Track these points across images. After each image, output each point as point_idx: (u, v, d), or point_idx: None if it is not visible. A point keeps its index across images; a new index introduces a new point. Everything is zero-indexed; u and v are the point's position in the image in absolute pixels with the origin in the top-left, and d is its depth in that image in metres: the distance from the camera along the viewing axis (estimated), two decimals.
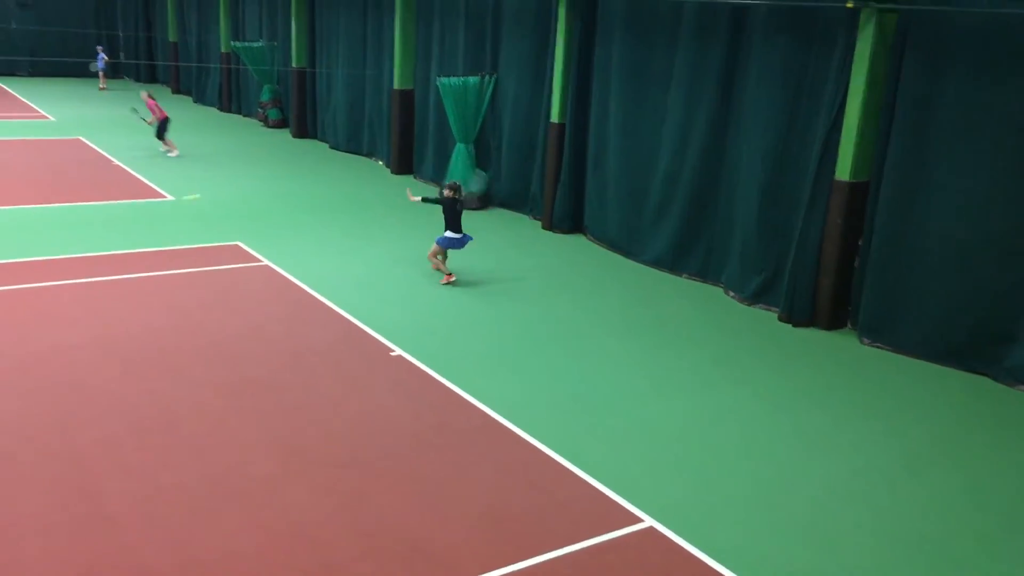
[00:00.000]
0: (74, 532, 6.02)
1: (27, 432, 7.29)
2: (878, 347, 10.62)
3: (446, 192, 11.98)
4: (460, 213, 11.92)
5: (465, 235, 11.97)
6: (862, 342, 10.76)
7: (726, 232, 12.56)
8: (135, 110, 20.92)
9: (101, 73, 31.77)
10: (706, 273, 12.93)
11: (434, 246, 12.01)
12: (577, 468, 7.27)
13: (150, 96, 20.11)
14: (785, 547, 6.40)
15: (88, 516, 6.21)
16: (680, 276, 13.14)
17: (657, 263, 13.48)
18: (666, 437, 7.99)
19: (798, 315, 11.27)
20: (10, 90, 30.21)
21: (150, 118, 20.03)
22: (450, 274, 11.97)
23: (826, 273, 11.09)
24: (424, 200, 12.21)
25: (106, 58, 31.89)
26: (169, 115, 20.04)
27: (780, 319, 11.43)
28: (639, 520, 6.60)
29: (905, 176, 10.34)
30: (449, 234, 11.87)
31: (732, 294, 12.30)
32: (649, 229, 13.63)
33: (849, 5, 10.34)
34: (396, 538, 6.19)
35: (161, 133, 19.82)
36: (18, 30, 33.86)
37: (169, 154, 19.60)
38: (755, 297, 11.94)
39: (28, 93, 29.60)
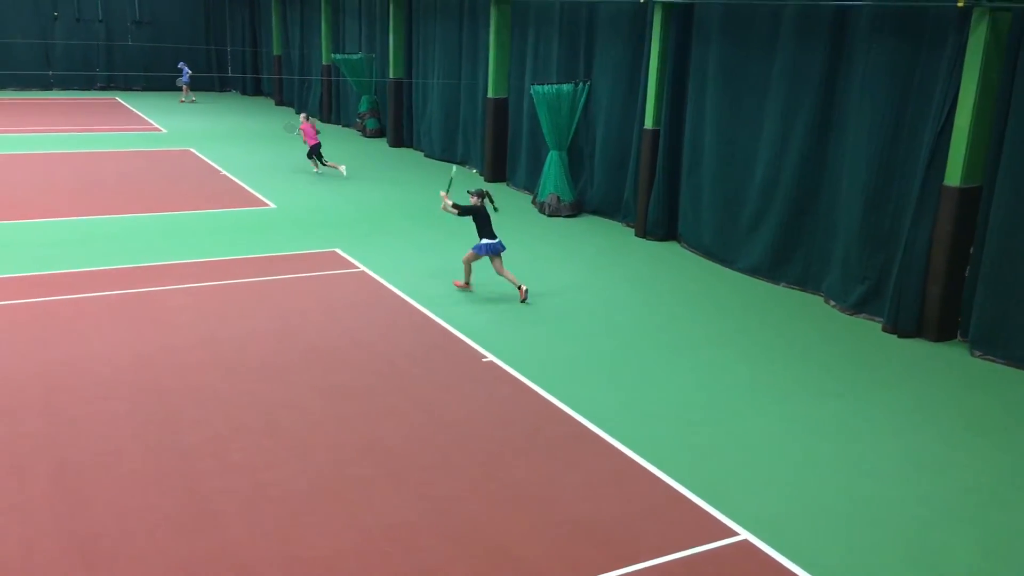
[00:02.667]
0: (180, 528, 6.27)
1: (136, 431, 7.64)
2: (989, 359, 10.12)
3: (474, 200, 11.77)
4: (489, 218, 11.75)
5: (495, 242, 11.69)
6: (972, 354, 10.27)
7: (827, 239, 12.19)
8: (287, 127, 21.01)
9: (185, 86, 33.01)
10: (805, 281, 12.58)
11: (470, 252, 11.79)
12: (670, 478, 7.17)
13: (306, 118, 20.27)
14: (887, 567, 6.15)
15: (193, 513, 6.46)
16: (778, 285, 12.82)
17: (754, 271, 13.19)
18: (763, 449, 7.80)
19: (904, 325, 10.84)
20: (126, 103, 31.81)
21: (297, 132, 20.44)
22: (468, 283, 11.86)
23: (935, 282, 10.64)
24: (456, 207, 11.79)
25: (189, 72, 33.11)
26: (320, 140, 20.15)
27: (884, 329, 11.02)
28: (734, 533, 6.46)
29: (1020, 181, 9.85)
30: (486, 241, 11.65)
31: (833, 303, 11.93)
32: (746, 236, 13.35)
33: (960, 4, 9.93)
34: (487, 544, 6.23)
35: (312, 155, 19.96)
36: (134, 46, 35.64)
37: (338, 168, 20.00)
38: (858, 306, 11.55)
39: (142, 106, 31.11)
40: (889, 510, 6.89)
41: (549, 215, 16.81)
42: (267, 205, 16.74)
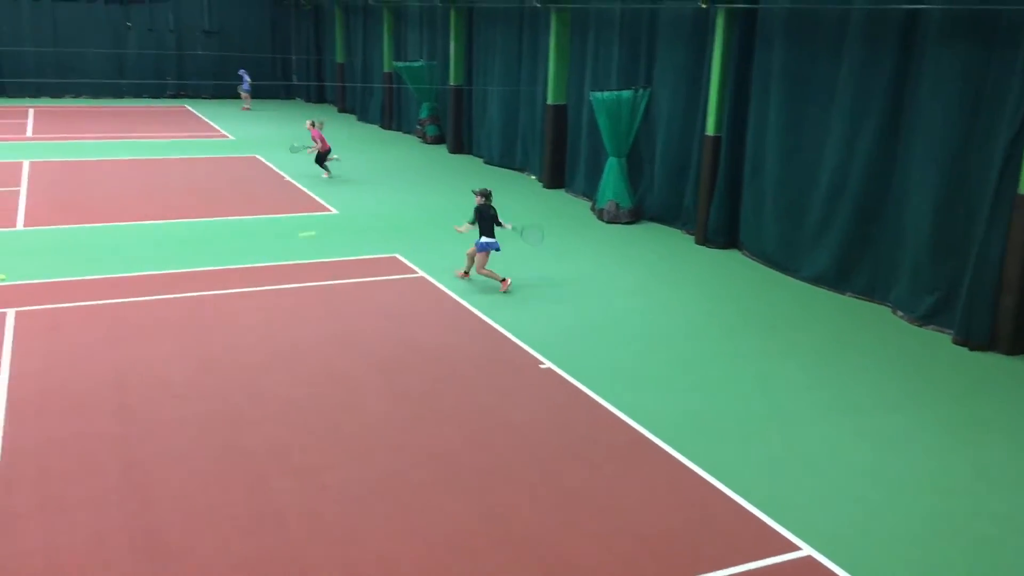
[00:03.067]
0: (242, 527, 6.40)
1: (202, 431, 7.82)
2: None
3: (478, 200, 12.12)
4: (491, 219, 12.05)
5: (495, 241, 12.14)
6: None
7: (895, 248, 11.91)
8: (294, 147, 21.40)
9: (246, 94, 33.63)
10: (872, 291, 12.30)
11: (476, 252, 12.16)
12: (731, 490, 7.07)
13: (313, 125, 20.63)
14: None
15: (255, 513, 6.58)
16: (843, 294, 12.56)
17: (818, 280, 12.94)
18: (827, 462, 7.63)
19: (976, 338, 10.52)
20: (195, 111, 32.65)
21: (311, 147, 20.71)
22: (505, 279, 12.13)
23: (1008, 292, 10.30)
24: (471, 223, 12.28)
25: (249, 80, 33.72)
26: (331, 146, 20.66)
27: (955, 342, 10.71)
28: (796, 548, 6.33)
29: None
30: (484, 239, 12.06)
31: (901, 314, 11.63)
32: (810, 244, 13.11)
33: None
34: (543, 551, 6.22)
35: (321, 161, 20.47)
36: (203, 55, 36.58)
37: (323, 176, 20.22)
38: (927, 318, 11.25)
39: (210, 114, 31.89)
40: (958, 527, 6.68)
41: (608, 222, 16.75)
42: (330, 211, 17.00)
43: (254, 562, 5.99)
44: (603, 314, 11.39)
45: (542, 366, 9.54)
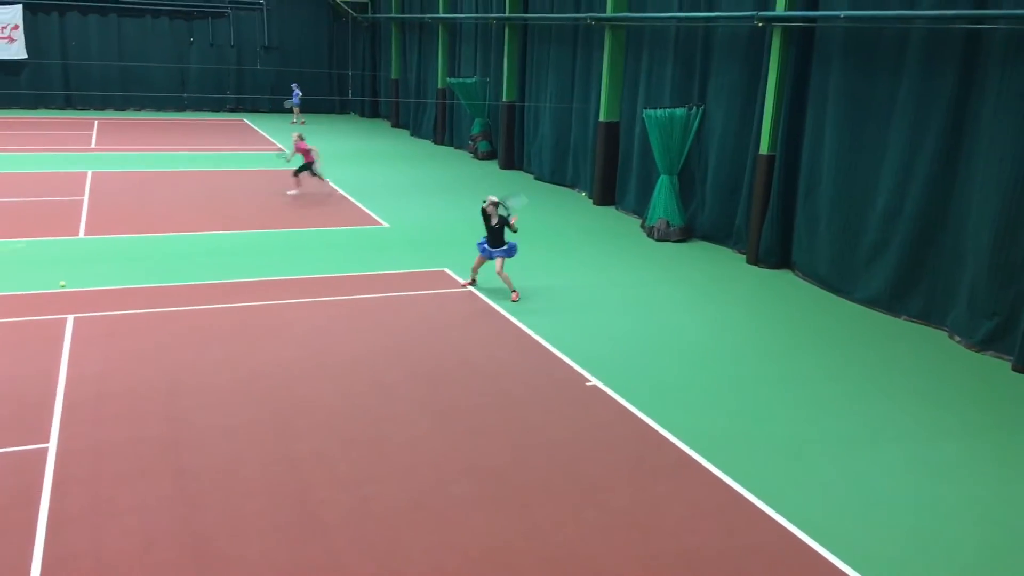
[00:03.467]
0: (287, 535, 6.46)
1: (251, 439, 7.93)
2: None
3: (485, 207, 12.37)
4: (496, 227, 12.34)
5: (494, 248, 12.46)
6: None
7: (953, 271, 11.62)
8: (284, 158, 20.69)
9: (296, 108, 34.17)
10: (928, 315, 12.01)
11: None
12: (778, 515, 6.93)
13: (301, 138, 19.85)
14: None
15: (300, 522, 6.64)
16: (898, 317, 12.29)
17: (872, 303, 12.68)
18: (879, 489, 7.45)
19: None
20: (252, 125, 33.31)
21: (289, 154, 20.09)
22: (515, 292, 12.40)
23: None
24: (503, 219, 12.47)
25: (300, 94, 34.21)
26: (316, 158, 19.62)
27: (1015, 369, 10.39)
28: (843, 574, 6.18)
29: None
30: (484, 243, 12.47)
31: (958, 339, 11.34)
32: (864, 266, 12.86)
33: None
34: (586, 571, 6.16)
35: (312, 171, 19.55)
36: (262, 70, 37.37)
37: (289, 192, 19.45)
38: (985, 343, 10.94)
39: (267, 127, 32.52)
40: (1013, 560, 6.46)
41: (658, 240, 16.64)
42: (381, 224, 17.18)
43: (298, 571, 6.03)
44: (651, 332, 11.30)
45: (588, 383, 9.49)
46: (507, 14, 23.91)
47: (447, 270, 13.84)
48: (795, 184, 14.46)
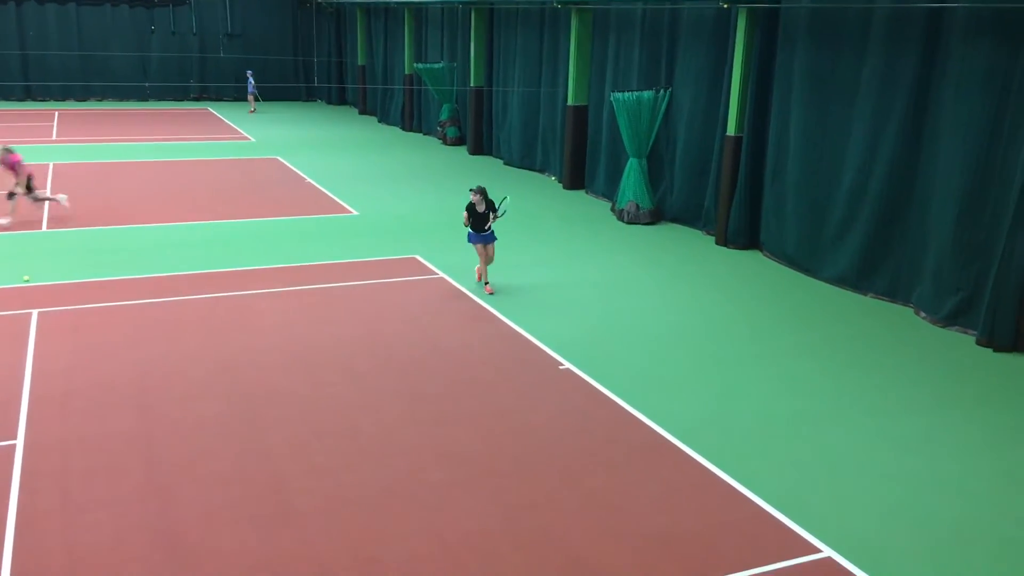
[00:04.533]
0: (262, 525, 6.42)
1: (223, 431, 7.87)
2: None
3: (474, 196, 12.04)
4: (481, 215, 11.97)
5: (483, 234, 12.11)
6: None
7: (918, 249, 11.78)
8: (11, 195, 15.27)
9: (251, 96, 33.70)
10: (895, 292, 12.18)
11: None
12: (751, 492, 7.01)
13: (8, 151, 15.07)
14: None
15: (275, 512, 6.61)
16: (865, 295, 12.44)
17: (840, 281, 12.83)
18: (849, 464, 7.56)
19: (1000, 339, 10.38)
20: (217, 113, 32.91)
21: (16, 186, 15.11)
22: (487, 284, 12.18)
23: None
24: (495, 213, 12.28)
25: (254, 82, 33.72)
26: (32, 172, 15.44)
27: (979, 343, 10.58)
28: (817, 550, 6.27)
29: None
30: (471, 234, 12.15)
31: (924, 315, 11.51)
32: (831, 245, 13.00)
33: None
34: (562, 553, 6.19)
35: (30, 191, 15.19)
36: (225, 58, 36.88)
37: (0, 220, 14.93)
38: (950, 319, 11.12)
39: (232, 116, 32.13)
40: (982, 530, 6.59)
41: (628, 223, 16.70)
42: (350, 212, 17.07)
43: (273, 561, 6.01)
44: (622, 315, 11.35)
45: (561, 367, 9.52)
46: None
47: (418, 257, 13.79)
48: (762, 165, 14.57)
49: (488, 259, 12.25)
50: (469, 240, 12.24)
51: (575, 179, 19.97)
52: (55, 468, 7.12)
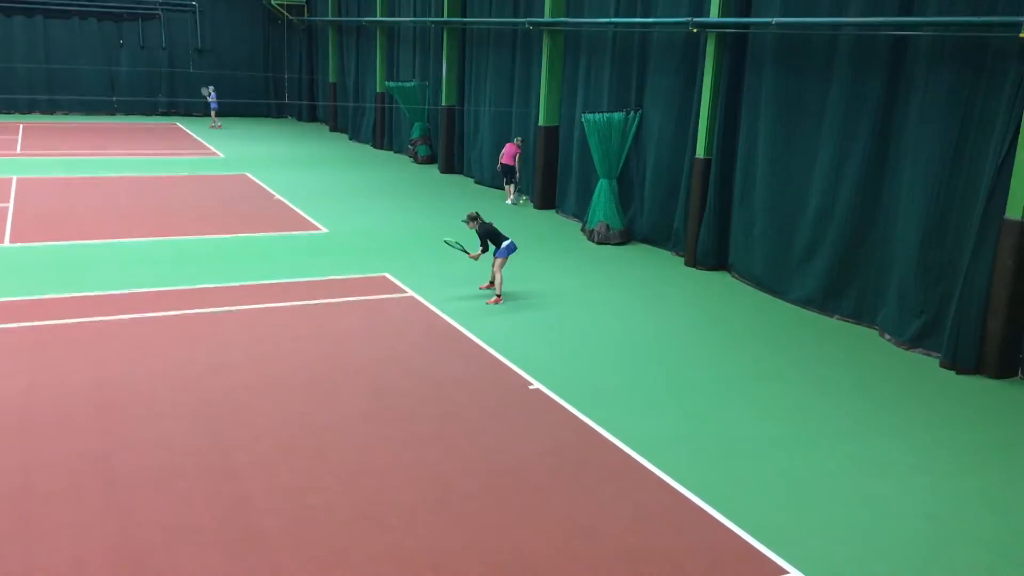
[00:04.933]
0: (228, 548, 6.32)
1: (188, 450, 7.74)
2: None
3: (473, 225, 12.55)
4: (482, 234, 12.47)
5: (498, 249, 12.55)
6: None
7: (882, 271, 11.96)
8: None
9: (213, 112, 33.42)
10: (860, 314, 12.34)
11: (500, 260, 12.60)
12: (719, 514, 7.03)
13: None
14: None
15: (241, 534, 6.51)
16: (831, 317, 12.59)
17: (806, 303, 12.98)
18: (815, 486, 7.61)
19: (963, 361, 10.55)
20: (185, 129, 32.64)
21: None
22: (490, 284, 12.75)
23: (995, 317, 10.35)
24: (482, 247, 12.58)
25: (216, 96, 33.35)
26: None
27: (942, 365, 10.74)
28: (784, 572, 6.30)
29: None
30: (507, 243, 12.55)
31: (888, 337, 11.67)
32: (798, 267, 13.16)
33: (1022, 35, 9.72)
34: (532, 574, 6.16)
35: None
36: (195, 74, 36.63)
37: None
38: (914, 341, 11.29)
39: (201, 131, 31.89)
40: (948, 553, 6.66)
41: (598, 243, 16.78)
42: (319, 229, 16.98)
43: None
44: (592, 335, 11.38)
45: (531, 387, 9.51)
46: (446, 17, 23.89)
47: (388, 275, 13.73)
48: (731, 187, 14.73)
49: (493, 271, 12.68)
50: (509, 253, 12.55)
51: (546, 199, 20.05)
52: (14, 489, 6.96)
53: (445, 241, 13.40)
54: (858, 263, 12.34)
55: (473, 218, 12.57)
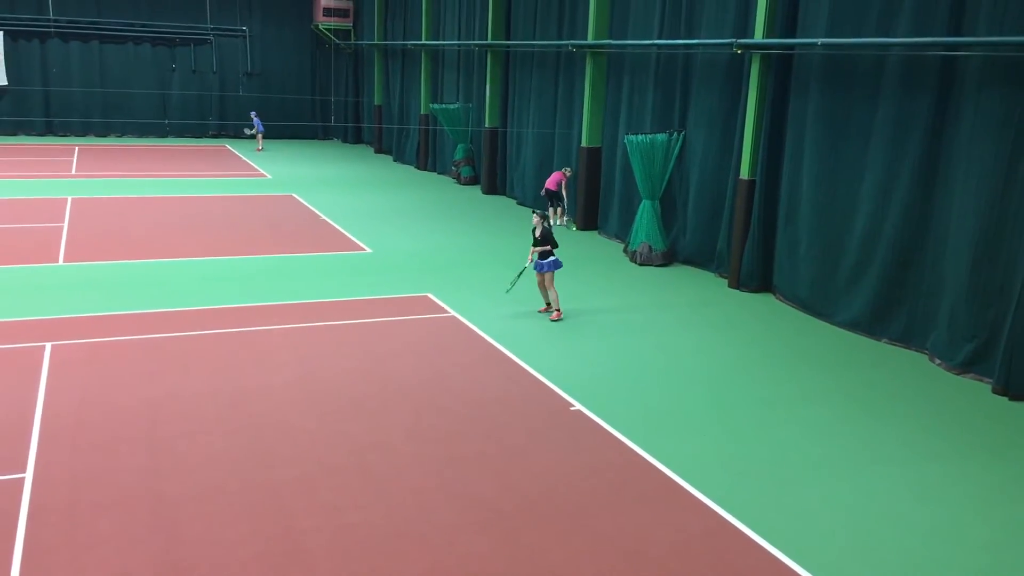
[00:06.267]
0: (270, 564, 6.37)
1: (233, 466, 7.84)
2: None
3: (539, 219, 12.76)
4: (539, 238, 12.63)
5: (542, 261, 12.63)
6: None
7: (932, 294, 11.73)
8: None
9: (259, 135, 33.96)
10: (909, 338, 12.09)
11: (551, 274, 12.73)
12: (764, 540, 6.92)
13: None
14: None
15: (283, 550, 6.56)
16: (879, 340, 12.36)
17: (853, 326, 12.76)
18: (863, 512, 7.45)
19: (1015, 387, 10.27)
20: (234, 150, 33.28)
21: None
22: (547, 307, 12.90)
23: None
24: (536, 244, 12.68)
25: (260, 121, 33.78)
26: None
27: (994, 391, 10.47)
28: None
29: None
30: (554, 258, 12.68)
31: (939, 362, 11.42)
32: (845, 289, 12.96)
33: None
34: None
35: None
36: (244, 96, 37.38)
37: None
38: (965, 366, 11.03)
39: (250, 153, 32.48)
40: None
41: (640, 264, 16.71)
42: (364, 249, 17.16)
43: None
44: (634, 357, 11.31)
45: (572, 408, 9.47)
46: (489, 41, 24.10)
47: (430, 295, 13.82)
48: (775, 208, 14.59)
49: (542, 286, 12.75)
50: (537, 269, 12.67)
51: (588, 220, 20.05)
52: (63, 503, 7.10)
53: (508, 291, 13.42)
54: (907, 286, 12.11)
55: (543, 217, 12.83)
